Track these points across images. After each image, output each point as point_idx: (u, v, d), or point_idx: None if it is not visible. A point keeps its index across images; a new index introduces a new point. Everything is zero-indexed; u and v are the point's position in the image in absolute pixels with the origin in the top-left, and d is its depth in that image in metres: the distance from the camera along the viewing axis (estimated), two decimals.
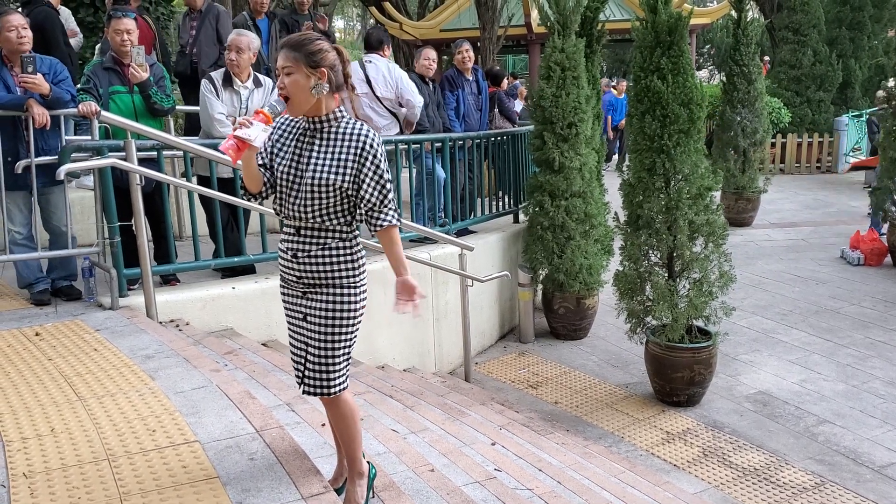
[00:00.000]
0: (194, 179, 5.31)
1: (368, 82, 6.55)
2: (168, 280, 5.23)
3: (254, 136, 2.50)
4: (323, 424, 3.51)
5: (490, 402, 5.64)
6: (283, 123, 2.74)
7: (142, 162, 4.71)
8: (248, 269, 5.53)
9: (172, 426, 3.12)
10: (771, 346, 6.97)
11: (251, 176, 2.66)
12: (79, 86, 4.98)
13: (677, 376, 5.74)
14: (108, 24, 5.07)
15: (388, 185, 2.64)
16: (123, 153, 4.53)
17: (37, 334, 4.23)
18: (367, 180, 2.59)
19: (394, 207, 2.66)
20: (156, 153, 4.88)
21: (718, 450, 5.20)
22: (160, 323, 4.64)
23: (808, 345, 6.96)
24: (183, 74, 7.28)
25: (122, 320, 4.46)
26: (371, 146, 2.60)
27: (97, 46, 7.58)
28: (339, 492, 2.89)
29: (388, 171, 2.64)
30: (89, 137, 4.95)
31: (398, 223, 2.68)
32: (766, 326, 7.47)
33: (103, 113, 4.61)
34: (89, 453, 2.91)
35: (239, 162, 2.59)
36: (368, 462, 2.94)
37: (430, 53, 7.10)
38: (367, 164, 2.59)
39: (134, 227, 4.70)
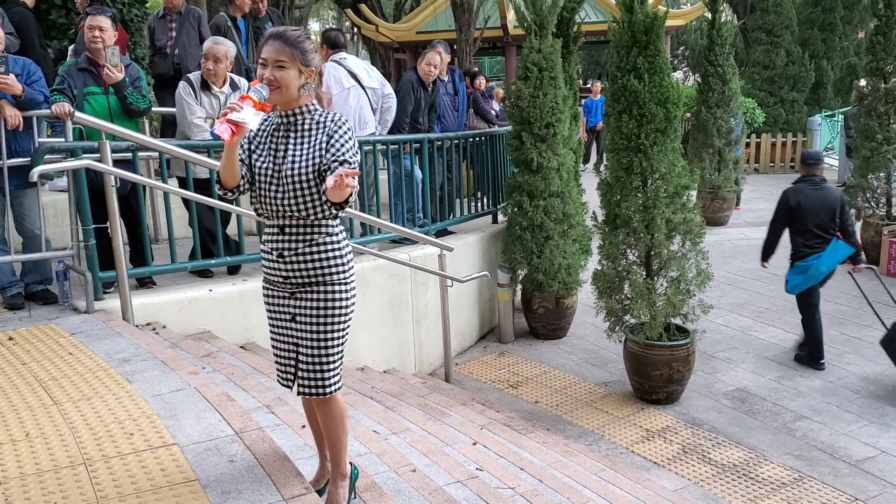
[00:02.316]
0: (172, 181, 5.26)
1: (354, 76, 6.48)
2: (144, 283, 5.17)
3: (248, 119, 2.47)
4: (303, 426, 3.49)
5: (471, 402, 5.64)
6: (264, 119, 2.72)
7: (117, 163, 4.65)
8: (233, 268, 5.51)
9: (150, 429, 3.08)
10: (748, 344, 7.03)
11: (231, 167, 2.60)
12: (53, 86, 4.91)
13: (656, 374, 5.77)
14: (84, 21, 5.00)
15: (356, 161, 2.57)
16: (98, 154, 4.47)
17: (10, 339, 4.16)
18: (332, 149, 2.55)
19: (354, 185, 2.49)
20: (131, 154, 4.82)
21: (698, 446, 5.23)
22: (136, 326, 4.59)
23: (785, 341, 7.02)
24: (165, 76, 7.19)
25: (98, 324, 4.40)
26: (340, 127, 2.60)
27: (70, 48, 7.48)
28: (320, 493, 2.87)
29: (355, 153, 2.58)
30: (63, 139, 4.87)
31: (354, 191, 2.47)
32: (743, 324, 7.54)
33: (77, 114, 4.55)
34: (65, 458, 2.86)
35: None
36: (350, 463, 2.91)
37: (433, 59, 6.94)
38: (333, 139, 2.57)
39: (109, 230, 4.64)
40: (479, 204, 7.95)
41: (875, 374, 6.24)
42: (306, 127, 2.62)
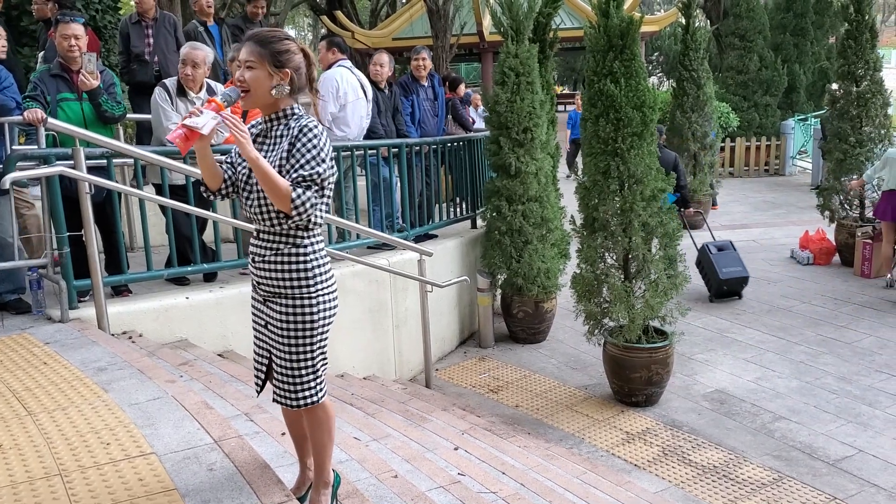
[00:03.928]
0: (147, 188, 5.21)
1: (363, 88, 6.51)
2: (119, 291, 5.11)
3: (201, 125, 2.39)
4: (283, 433, 3.46)
5: (451, 407, 5.62)
6: (249, 127, 2.69)
7: (91, 170, 4.58)
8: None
9: (127, 439, 3.04)
10: (726, 346, 7.07)
11: (208, 170, 2.57)
12: (25, 93, 4.84)
13: (635, 376, 5.79)
14: (56, 29, 4.92)
15: (316, 172, 2.44)
16: (72, 161, 4.41)
17: None
18: (296, 163, 2.46)
19: (311, 198, 2.44)
20: (106, 161, 4.77)
21: (678, 448, 5.24)
22: (112, 335, 4.53)
23: (762, 343, 7.08)
24: (146, 84, 7.08)
25: (73, 333, 4.34)
26: (305, 134, 2.48)
27: (40, 54, 7.39)
28: (301, 500, 2.84)
29: (316, 164, 2.45)
30: (36, 146, 4.80)
31: (300, 201, 2.42)
32: (721, 326, 7.59)
33: (50, 120, 4.49)
34: (40, 469, 2.81)
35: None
36: (333, 470, 2.89)
37: (380, 58, 6.98)
38: (294, 149, 2.47)
39: (84, 238, 4.57)
40: (458, 209, 7.94)
41: (851, 374, 6.30)
42: (278, 133, 2.58)
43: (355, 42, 20.44)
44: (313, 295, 2.59)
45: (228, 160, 2.67)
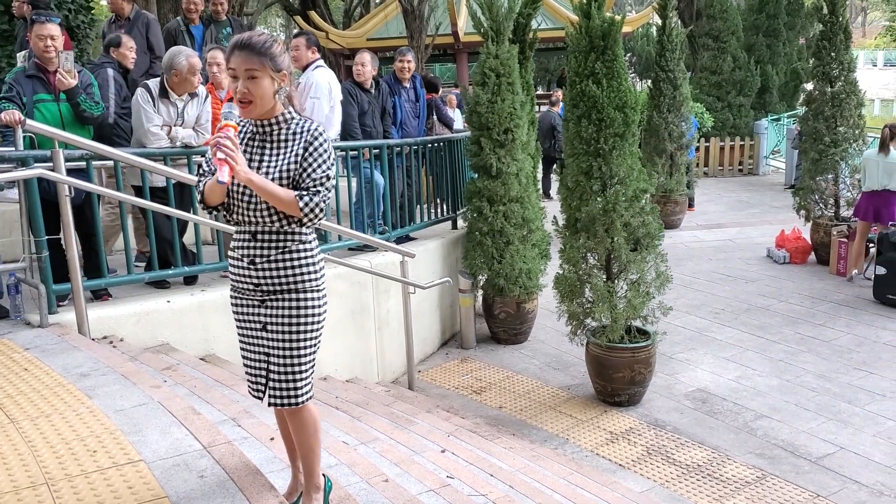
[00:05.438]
0: (127, 190, 5.13)
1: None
2: (99, 295, 5.02)
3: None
4: (272, 438, 3.42)
5: (435, 409, 5.60)
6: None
7: (70, 172, 4.50)
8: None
9: (114, 446, 2.98)
10: (706, 345, 7.12)
11: (216, 189, 2.55)
12: (0, 94, 4.75)
13: (618, 376, 5.81)
14: (31, 29, 4.83)
15: (325, 176, 2.52)
16: (51, 164, 4.33)
17: None
18: (308, 168, 2.51)
19: (319, 203, 2.50)
20: (85, 163, 4.69)
21: (662, 448, 5.27)
22: (93, 340, 4.45)
23: (742, 342, 7.14)
24: None
25: (53, 338, 4.26)
26: (316, 139, 2.54)
27: (19, 54, 7.24)
28: None
29: (327, 168, 2.54)
30: (13, 148, 4.70)
31: (308, 209, 2.49)
32: (701, 325, 7.64)
33: (29, 122, 4.40)
34: (26, 478, 2.75)
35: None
36: (324, 474, 2.86)
37: (362, 58, 6.90)
38: (307, 153, 2.52)
39: (63, 241, 4.49)
40: (439, 210, 7.92)
41: (830, 372, 6.37)
42: (283, 137, 2.56)
43: (329, 42, 20.33)
44: (320, 287, 2.65)
45: (207, 167, 2.61)
